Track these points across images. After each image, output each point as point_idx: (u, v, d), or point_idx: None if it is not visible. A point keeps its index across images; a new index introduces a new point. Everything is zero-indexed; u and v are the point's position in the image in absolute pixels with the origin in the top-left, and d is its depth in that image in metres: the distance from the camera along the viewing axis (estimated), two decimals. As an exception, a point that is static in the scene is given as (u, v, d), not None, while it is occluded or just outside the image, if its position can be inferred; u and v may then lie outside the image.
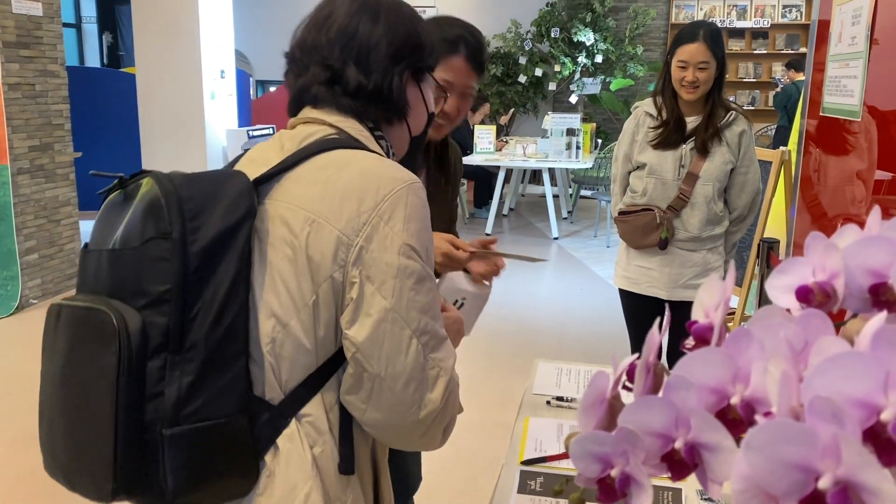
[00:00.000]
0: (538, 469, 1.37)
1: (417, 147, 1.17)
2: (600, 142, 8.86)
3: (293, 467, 0.93)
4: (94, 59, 11.51)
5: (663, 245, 2.47)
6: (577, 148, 7.30)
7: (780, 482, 0.34)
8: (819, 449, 0.33)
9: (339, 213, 0.93)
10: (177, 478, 0.88)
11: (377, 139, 1.07)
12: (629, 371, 0.52)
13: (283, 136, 1.07)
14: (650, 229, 2.46)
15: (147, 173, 0.95)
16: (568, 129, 7.30)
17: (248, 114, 8.47)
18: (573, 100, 9.73)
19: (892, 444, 0.33)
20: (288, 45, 1.12)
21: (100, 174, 0.98)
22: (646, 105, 2.52)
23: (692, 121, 2.44)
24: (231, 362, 0.90)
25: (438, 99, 1.24)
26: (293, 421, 0.95)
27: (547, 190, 7.28)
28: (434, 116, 1.19)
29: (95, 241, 0.97)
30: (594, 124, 8.76)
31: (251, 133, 7.22)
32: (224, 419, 0.89)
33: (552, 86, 9.81)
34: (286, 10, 8.57)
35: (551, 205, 7.21)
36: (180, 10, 6.67)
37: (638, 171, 2.53)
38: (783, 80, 8.20)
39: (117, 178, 0.97)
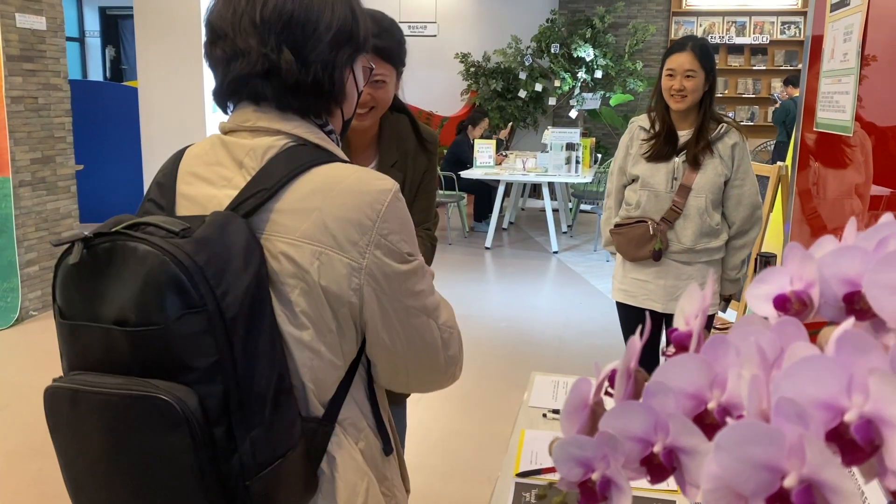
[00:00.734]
0: (533, 481, 1.37)
1: (346, 128, 1.13)
2: (600, 156, 8.90)
3: (348, 470, 1.00)
4: (97, 73, 11.59)
5: (657, 257, 2.49)
6: (577, 162, 7.33)
7: (749, 482, 0.36)
8: (785, 449, 0.34)
9: (344, 241, 0.94)
10: None
11: (328, 134, 1.04)
12: (611, 377, 0.53)
13: (231, 146, 0.99)
14: (644, 241, 2.49)
15: (126, 236, 0.88)
16: (567, 144, 7.34)
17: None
18: (573, 115, 9.78)
19: (856, 444, 0.34)
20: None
21: (59, 243, 0.90)
22: (640, 119, 2.57)
23: (684, 134, 2.47)
24: (285, 402, 0.93)
25: (366, 74, 1.15)
26: (337, 427, 1.00)
27: (546, 204, 7.31)
28: (361, 94, 1.12)
29: (79, 311, 0.90)
30: (594, 139, 8.81)
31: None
32: (290, 451, 0.93)
33: (552, 101, 9.87)
34: (288, 24, 8.53)
35: (551, 219, 7.23)
36: (183, 24, 6.72)
37: (632, 184, 2.56)
38: (781, 97, 8.25)
39: (78, 239, 0.89)
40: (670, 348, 0.54)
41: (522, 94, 9.84)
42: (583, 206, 8.63)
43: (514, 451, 1.50)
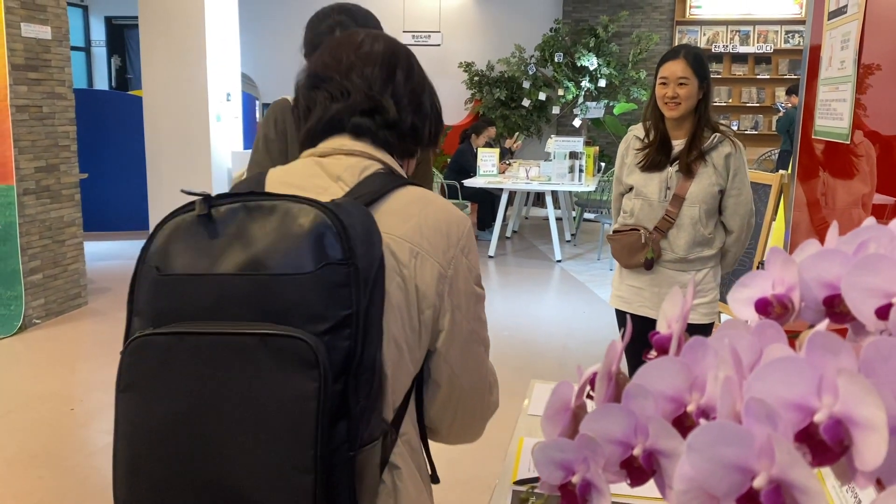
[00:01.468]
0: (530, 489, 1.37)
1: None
2: (603, 165, 8.91)
3: (409, 483, 1.01)
4: (102, 82, 11.65)
5: (648, 265, 2.50)
6: (580, 171, 7.33)
7: (720, 482, 0.36)
8: (755, 449, 0.35)
9: (437, 248, 1.01)
10: (351, 498, 0.90)
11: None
12: (592, 380, 0.53)
13: (326, 164, 1.05)
14: (636, 249, 2.49)
15: (265, 196, 0.93)
16: (571, 153, 7.34)
17: (253, 136, 8.55)
18: (576, 123, 9.80)
19: (825, 445, 0.34)
20: (299, 66, 1.13)
21: (189, 192, 0.95)
22: (636, 129, 2.59)
23: (679, 143, 2.46)
24: (380, 383, 0.94)
25: None
26: (399, 439, 1.01)
27: (550, 213, 7.31)
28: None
29: (190, 263, 0.91)
30: (597, 148, 8.82)
31: (256, 155, 7.26)
32: (377, 440, 0.93)
33: (556, 109, 9.89)
34: (292, 34, 8.63)
35: (554, 227, 7.23)
36: (188, 34, 6.76)
37: (629, 193, 2.57)
38: (785, 106, 8.25)
39: (202, 194, 0.93)
40: (652, 352, 0.54)
41: (526, 102, 9.86)
42: (586, 215, 8.62)
43: (513, 459, 1.50)
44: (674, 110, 2.40)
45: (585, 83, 9.60)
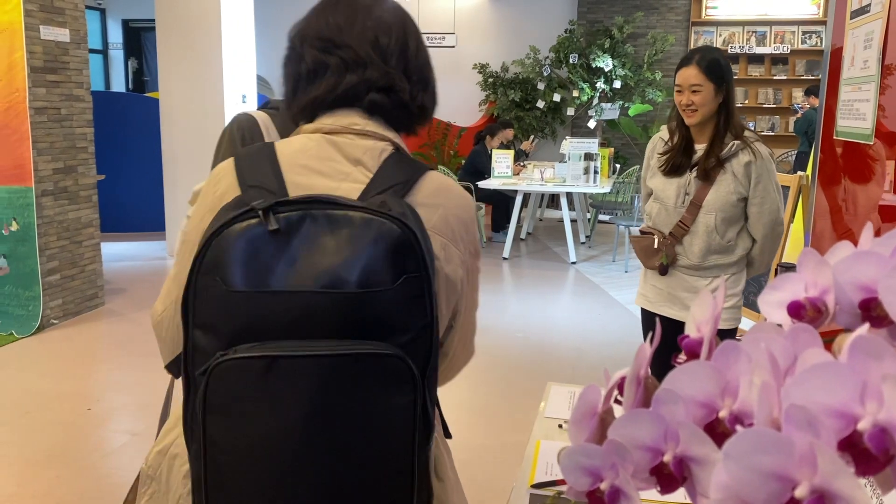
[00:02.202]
0: (548, 493, 1.36)
1: None
2: (619, 166, 8.87)
3: (441, 446, 1.12)
4: (119, 84, 11.74)
5: (663, 271, 2.49)
6: (595, 172, 7.30)
7: (758, 491, 0.35)
8: (796, 458, 0.33)
9: (460, 237, 1.05)
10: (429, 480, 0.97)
11: None
12: (620, 385, 0.52)
13: (342, 145, 1.02)
14: (651, 253, 2.49)
15: (327, 205, 0.90)
16: (586, 154, 7.32)
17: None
18: (591, 125, 9.76)
19: (869, 453, 0.33)
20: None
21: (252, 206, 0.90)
22: (664, 131, 2.56)
23: (701, 148, 2.43)
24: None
25: None
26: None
27: (565, 214, 7.28)
28: None
29: (268, 280, 0.88)
30: (612, 149, 8.78)
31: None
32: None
33: (570, 111, 9.85)
34: (307, 36, 8.65)
35: (569, 229, 7.20)
36: (204, 36, 6.79)
37: (651, 195, 2.57)
38: (803, 107, 8.18)
39: (268, 207, 0.89)
40: (681, 356, 0.53)
41: (541, 104, 9.83)
42: (601, 217, 8.59)
43: (530, 462, 1.48)
44: (691, 117, 2.37)
45: (600, 84, 9.56)
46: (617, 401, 0.52)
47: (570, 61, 9.65)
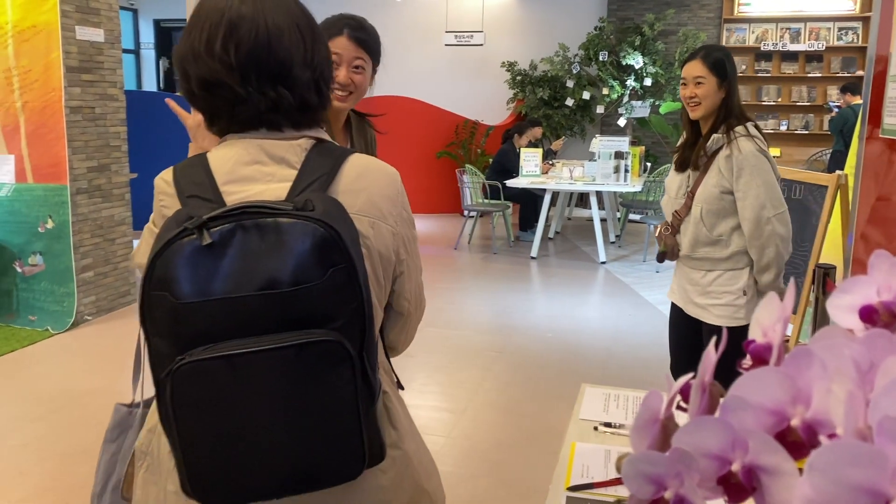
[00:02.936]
0: (584, 495, 1.34)
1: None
2: (649, 165, 8.78)
3: (395, 401, 1.23)
4: (151, 84, 11.87)
5: (660, 259, 2.65)
6: (626, 171, 7.24)
7: (847, 506, 0.33)
8: (888, 471, 0.32)
9: (387, 212, 1.15)
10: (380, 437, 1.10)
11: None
12: (683, 391, 0.51)
13: (268, 146, 1.11)
14: (658, 243, 2.66)
15: (258, 214, 0.99)
16: (616, 153, 7.25)
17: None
18: (621, 123, 9.67)
19: (969, 468, 0.31)
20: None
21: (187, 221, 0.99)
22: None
23: None
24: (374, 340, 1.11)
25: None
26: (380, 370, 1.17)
27: (594, 213, 7.21)
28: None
29: (212, 289, 0.97)
30: (643, 147, 8.69)
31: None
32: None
33: (600, 109, 9.77)
34: (337, 35, 8.68)
35: (598, 228, 7.14)
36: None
37: None
38: (839, 104, 8.02)
39: (201, 224, 0.98)
40: (747, 361, 0.51)
41: (570, 102, 9.77)
42: (632, 216, 8.51)
43: (565, 465, 1.47)
44: (695, 110, 2.45)
45: (630, 82, 9.47)
46: (680, 407, 0.51)
47: (600, 59, 9.56)
